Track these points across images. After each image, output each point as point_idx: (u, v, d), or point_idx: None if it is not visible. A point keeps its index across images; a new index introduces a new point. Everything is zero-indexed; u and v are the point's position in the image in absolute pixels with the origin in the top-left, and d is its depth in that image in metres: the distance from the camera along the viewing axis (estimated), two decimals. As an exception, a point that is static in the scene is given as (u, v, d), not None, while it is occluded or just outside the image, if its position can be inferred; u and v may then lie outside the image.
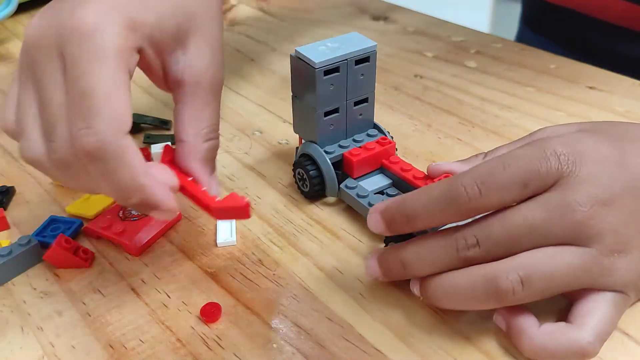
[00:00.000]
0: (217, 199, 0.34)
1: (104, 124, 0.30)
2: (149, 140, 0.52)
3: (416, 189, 0.36)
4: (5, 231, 0.43)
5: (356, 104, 0.43)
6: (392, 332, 0.34)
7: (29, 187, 0.48)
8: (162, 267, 0.39)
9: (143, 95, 0.60)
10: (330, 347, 0.33)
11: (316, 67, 0.40)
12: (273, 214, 0.43)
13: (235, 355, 0.33)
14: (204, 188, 0.35)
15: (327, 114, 0.42)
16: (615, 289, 0.32)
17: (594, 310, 0.32)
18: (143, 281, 0.38)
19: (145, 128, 0.54)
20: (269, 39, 0.70)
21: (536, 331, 0.32)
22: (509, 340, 0.33)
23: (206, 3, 0.36)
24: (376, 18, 0.73)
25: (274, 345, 0.34)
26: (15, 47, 0.72)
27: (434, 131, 0.51)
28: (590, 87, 0.55)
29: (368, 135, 0.44)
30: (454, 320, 0.34)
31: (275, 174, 0.47)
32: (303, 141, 0.44)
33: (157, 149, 0.49)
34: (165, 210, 0.33)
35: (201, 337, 0.34)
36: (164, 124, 0.54)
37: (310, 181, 0.42)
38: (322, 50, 0.41)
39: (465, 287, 0.32)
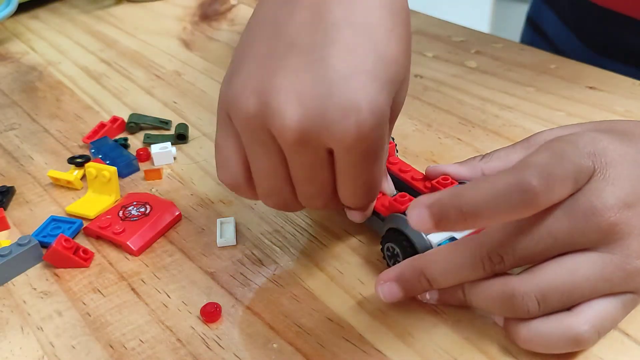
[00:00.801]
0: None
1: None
2: (149, 140, 0.52)
3: (414, 190, 0.35)
4: (5, 231, 0.43)
5: None
6: (392, 332, 0.34)
7: (29, 187, 0.48)
8: (162, 267, 0.39)
9: (143, 95, 0.60)
10: (330, 347, 0.33)
11: None
12: (273, 214, 0.43)
13: (236, 355, 0.33)
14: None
15: None
16: (632, 292, 0.31)
17: (596, 303, 0.31)
18: (143, 281, 0.38)
19: (145, 128, 0.54)
20: (269, 39, 0.70)
21: (535, 322, 0.31)
22: (509, 340, 0.33)
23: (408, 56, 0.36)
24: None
25: (274, 345, 0.34)
26: (15, 47, 0.72)
27: (434, 131, 0.51)
28: (590, 87, 0.55)
29: None
30: (454, 320, 0.34)
31: (275, 174, 0.47)
32: None
33: (157, 149, 0.49)
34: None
35: (201, 337, 0.34)
36: (164, 124, 0.54)
37: None
38: None
39: (485, 299, 0.32)
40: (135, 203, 0.43)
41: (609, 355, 0.32)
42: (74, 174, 0.47)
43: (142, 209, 0.43)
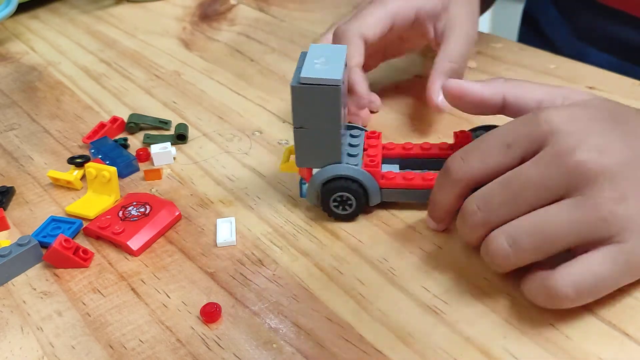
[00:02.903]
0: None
1: None
2: (149, 141, 0.52)
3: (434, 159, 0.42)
4: (5, 231, 0.43)
5: None
6: (392, 332, 0.34)
7: (29, 187, 0.48)
8: (161, 267, 0.39)
9: (143, 95, 0.60)
10: (330, 347, 0.33)
11: (339, 85, 0.37)
12: (273, 214, 0.43)
13: (235, 355, 0.33)
14: (429, 89, 0.48)
15: None
16: (613, 241, 0.31)
17: (577, 260, 0.32)
18: (143, 281, 0.38)
19: (145, 128, 0.54)
20: (269, 39, 0.70)
21: (524, 278, 0.34)
22: (509, 339, 0.33)
23: None
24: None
25: (274, 346, 0.34)
26: (14, 47, 0.72)
27: (434, 131, 0.51)
28: (590, 87, 0.55)
29: (352, 136, 0.43)
30: (454, 320, 0.34)
31: (275, 174, 0.47)
32: (314, 171, 0.41)
33: (156, 149, 0.49)
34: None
35: (201, 337, 0.34)
36: (163, 124, 0.54)
37: (358, 200, 0.41)
38: (324, 68, 0.38)
39: (467, 234, 0.36)
40: (135, 203, 0.43)
41: (609, 355, 0.32)
42: (74, 174, 0.47)
43: (142, 209, 0.43)
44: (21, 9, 0.80)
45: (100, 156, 0.49)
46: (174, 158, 0.50)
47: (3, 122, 0.57)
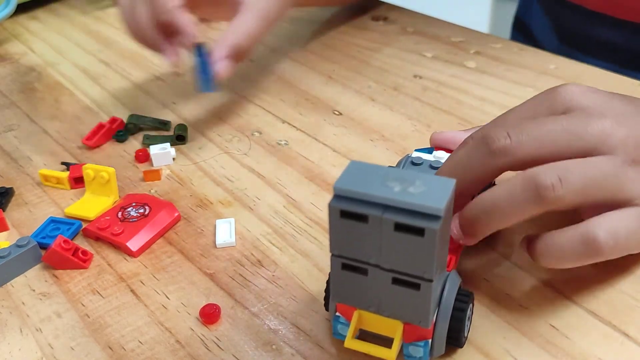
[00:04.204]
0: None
1: None
2: (148, 141, 0.52)
3: None
4: (4, 232, 0.43)
5: None
6: (392, 333, 0.34)
7: (28, 188, 0.48)
8: (161, 268, 0.39)
9: (143, 95, 0.60)
10: (329, 349, 0.33)
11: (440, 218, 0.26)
12: (272, 214, 0.43)
13: (235, 356, 0.33)
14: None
15: None
16: (634, 204, 0.32)
17: (612, 213, 0.32)
18: (142, 282, 0.38)
19: (145, 129, 0.54)
20: (269, 39, 0.70)
21: (551, 233, 0.32)
22: (509, 340, 0.33)
23: None
24: (376, 18, 0.73)
25: (273, 347, 0.34)
26: (13, 48, 0.72)
27: (434, 131, 0.51)
28: (590, 87, 0.55)
29: None
30: (453, 321, 0.34)
31: (274, 175, 0.47)
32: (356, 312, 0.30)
33: (156, 149, 0.49)
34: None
35: (200, 339, 0.34)
36: (163, 124, 0.54)
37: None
38: (410, 190, 0.26)
39: (507, 193, 0.32)
40: (134, 204, 0.43)
41: (609, 355, 0.32)
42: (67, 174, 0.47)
43: (141, 210, 0.43)
44: (20, 9, 0.80)
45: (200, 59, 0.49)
46: (173, 159, 0.50)
47: (2, 122, 0.57)
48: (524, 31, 0.78)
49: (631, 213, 0.32)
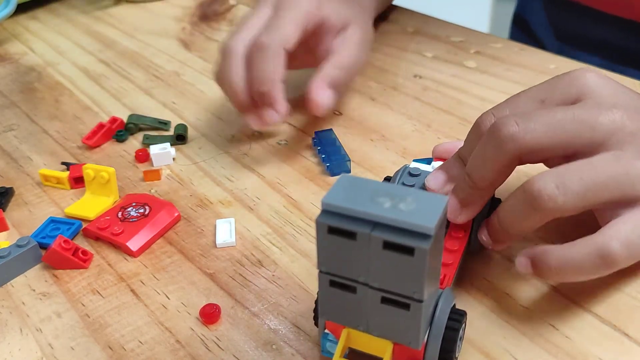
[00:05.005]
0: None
1: None
2: (148, 141, 0.52)
3: None
4: (4, 232, 0.43)
5: None
6: (392, 333, 0.34)
7: (28, 188, 0.48)
8: (161, 268, 0.39)
9: (142, 96, 0.60)
10: (329, 348, 0.33)
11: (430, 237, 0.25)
12: (272, 214, 0.43)
13: (235, 356, 0.33)
14: (311, 91, 0.47)
15: None
16: None
17: (621, 219, 0.32)
18: (142, 282, 0.38)
19: (145, 128, 0.54)
20: (268, 40, 0.69)
21: (560, 246, 0.32)
22: (509, 340, 0.33)
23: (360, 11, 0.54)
24: (376, 18, 0.73)
25: (273, 347, 0.34)
26: (13, 48, 0.72)
27: (434, 131, 0.51)
28: (590, 87, 0.55)
29: None
30: (453, 321, 0.34)
31: (274, 175, 0.47)
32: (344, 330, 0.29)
33: (156, 149, 0.49)
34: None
35: (200, 339, 0.34)
36: (163, 124, 0.54)
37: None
38: (399, 207, 0.26)
39: (510, 209, 0.33)
40: (134, 204, 0.43)
41: (609, 355, 0.32)
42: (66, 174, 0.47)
43: (141, 210, 0.43)
44: (20, 9, 0.80)
45: (319, 147, 0.48)
46: (174, 159, 0.50)
47: (2, 122, 0.57)
48: (523, 27, 0.78)
49: None
